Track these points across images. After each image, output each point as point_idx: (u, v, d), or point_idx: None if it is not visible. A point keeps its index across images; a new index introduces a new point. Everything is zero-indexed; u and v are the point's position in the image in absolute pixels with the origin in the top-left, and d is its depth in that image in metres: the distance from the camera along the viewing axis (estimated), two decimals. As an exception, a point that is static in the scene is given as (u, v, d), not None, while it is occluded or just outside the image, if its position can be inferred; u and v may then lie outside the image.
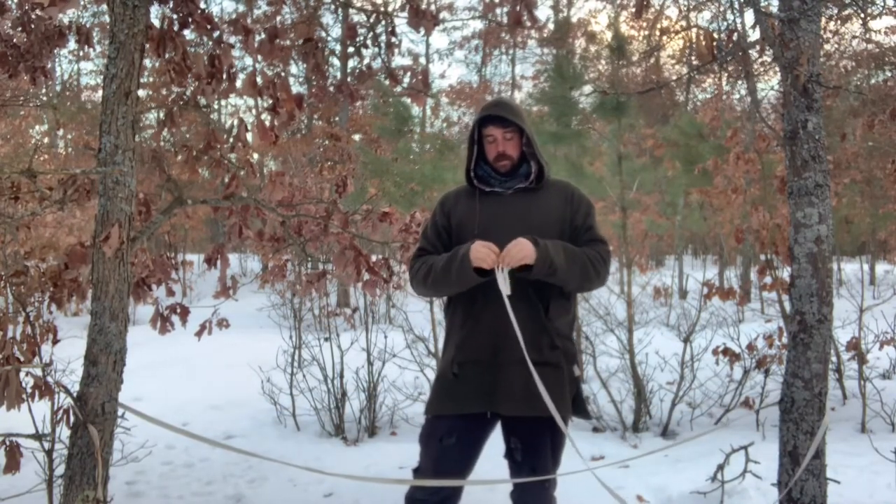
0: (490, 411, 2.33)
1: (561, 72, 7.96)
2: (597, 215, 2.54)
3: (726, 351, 5.16)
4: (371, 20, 3.56)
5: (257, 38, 3.10)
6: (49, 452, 2.82)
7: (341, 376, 5.01)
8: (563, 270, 2.25)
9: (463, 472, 2.37)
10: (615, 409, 5.05)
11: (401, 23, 3.95)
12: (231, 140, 3.16)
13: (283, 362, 5.43)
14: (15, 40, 3.23)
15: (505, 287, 2.19)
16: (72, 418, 2.53)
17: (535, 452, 2.31)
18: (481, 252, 2.22)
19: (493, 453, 2.44)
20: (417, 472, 2.42)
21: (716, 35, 3.00)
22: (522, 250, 2.20)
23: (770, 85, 17.72)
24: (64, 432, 2.63)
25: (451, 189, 2.65)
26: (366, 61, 3.57)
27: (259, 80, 3.00)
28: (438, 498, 2.33)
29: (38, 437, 2.75)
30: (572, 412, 2.41)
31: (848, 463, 3.81)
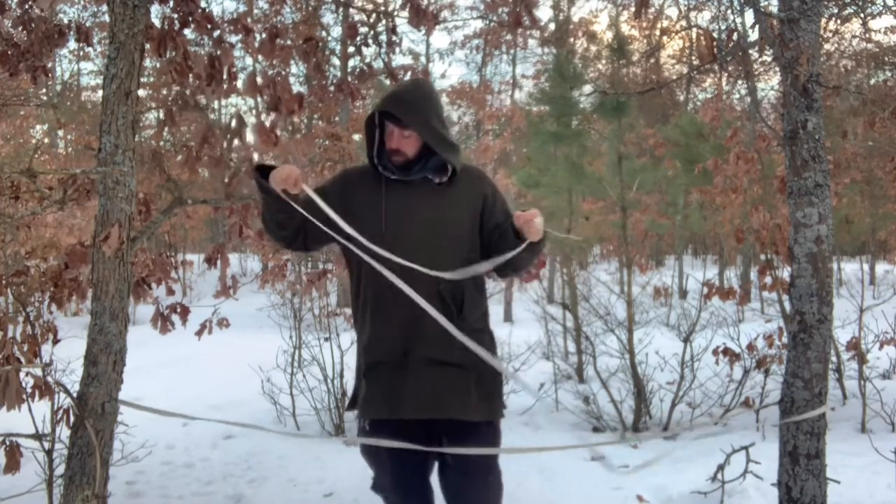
0: (393, 417, 2.20)
1: (561, 72, 7.98)
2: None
3: (726, 351, 5.16)
4: (372, 19, 3.57)
5: (257, 37, 3.10)
6: (49, 452, 2.82)
7: (341, 376, 5.00)
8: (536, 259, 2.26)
9: (424, 475, 2.27)
10: (615, 409, 5.05)
11: (401, 22, 3.94)
12: (229, 137, 3.15)
13: (283, 362, 5.43)
14: (15, 39, 3.24)
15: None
16: (72, 418, 2.53)
17: (466, 455, 2.19)
18: (284, 174, 2.08)
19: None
20: (377, 489, 2.33)
21: (716, 35, 3.01)
22: (540, 230, 2.16)
23: (770, 85, 17.73)
24: (64, 432, 2.63)
25: (357, 166, 2.40)
26: (367, 60, 3.57)
27: (259, 79, 3.00)
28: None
29: (38, 437, 2.75)
30: (487, 410, 2.26)
31: (848, 463, 3.81)
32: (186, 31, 2.87)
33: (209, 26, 2.89)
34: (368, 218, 2.25)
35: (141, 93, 2.70)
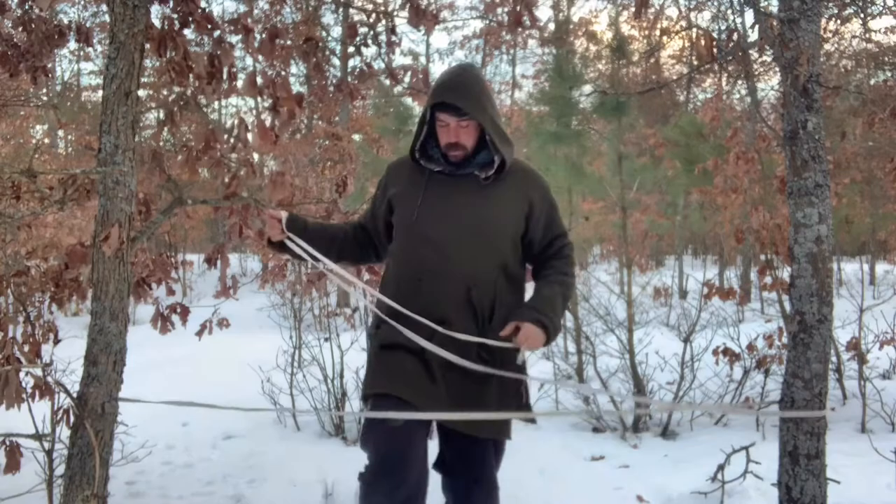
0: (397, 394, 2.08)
1: (561, 72, 7.98)
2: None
3: (726, 351, 5.16)
4: (371, 19, 3.57)
5: (257, 37, 3.10)
6: (49, 452, 2.82)
7: (341, 376, 5.00)
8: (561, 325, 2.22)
9: (415, 461, 2.05)
10: (615, 408, 5.05)
11: (401, 22, 3.95)
12: (231, 140, 3.16)
13: (283, 362, 5.43)
14: (15, 39, 3.24)
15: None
16: (72, 418, 2.53)
17: (472, 461, 2.14)
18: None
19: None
20: (364, 477, 2.05)
21: (716, 35, 3.01)
22: (537, 343, 2.09)
23: (770, 85, 17.72)
24: (64, 432, 2.63)
25: (401, 158, 2.32)
26: (367, 60, 3.58)
27: (259, 79, 3.00)
28: (401, 497, 1.99)
29: (38, 437, 2.76)
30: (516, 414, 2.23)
31: (848, 463, 3.81)
32: (186, 31, 2.87)
33: (209, 26, 2.89)
34: (403, 208, 2.19)
35: (141, 93, 2.71)
